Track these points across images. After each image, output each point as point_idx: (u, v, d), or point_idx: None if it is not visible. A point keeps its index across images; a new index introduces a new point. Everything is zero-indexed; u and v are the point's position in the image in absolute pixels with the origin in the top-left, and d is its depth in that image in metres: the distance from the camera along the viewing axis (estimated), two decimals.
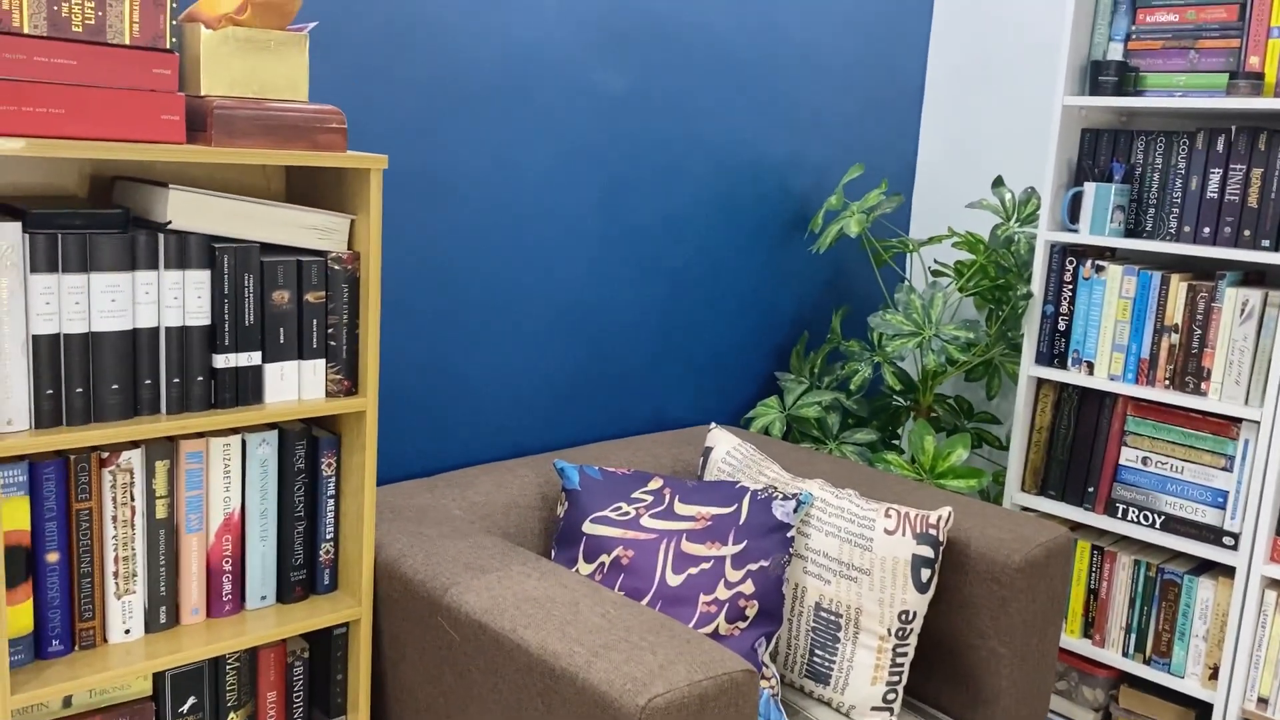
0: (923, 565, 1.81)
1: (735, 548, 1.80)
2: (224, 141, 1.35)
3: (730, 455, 2.07)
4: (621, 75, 2.15)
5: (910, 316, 2.35)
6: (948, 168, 2.80)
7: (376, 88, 1.81)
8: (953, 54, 2.76)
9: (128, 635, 1.45)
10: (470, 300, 2.02)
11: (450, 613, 1.49)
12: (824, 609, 1.85)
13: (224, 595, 1.53)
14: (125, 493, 1.41)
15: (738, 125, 2.39)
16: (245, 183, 1.61)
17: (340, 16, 1.75)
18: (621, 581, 1.79)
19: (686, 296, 2.38)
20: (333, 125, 1.44)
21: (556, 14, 2.02)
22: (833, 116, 2.60)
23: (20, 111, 1.21)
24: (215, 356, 1.43)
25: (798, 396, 2.46)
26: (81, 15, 1.24)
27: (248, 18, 1.38)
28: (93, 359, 1.32)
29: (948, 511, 1.84)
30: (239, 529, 1.53)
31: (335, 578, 1.64)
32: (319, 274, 1.50)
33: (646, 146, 2.23)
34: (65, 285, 1.29)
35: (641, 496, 1.88)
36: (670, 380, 2.40)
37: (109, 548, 1.41)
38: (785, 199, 2.54)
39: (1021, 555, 1.81)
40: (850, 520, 1.86)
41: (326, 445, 1.59)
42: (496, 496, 1.90)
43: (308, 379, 1.51)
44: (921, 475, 2.29)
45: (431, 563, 1.58)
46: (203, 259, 1.39)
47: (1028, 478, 2.40)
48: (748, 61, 2.37)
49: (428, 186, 1.91)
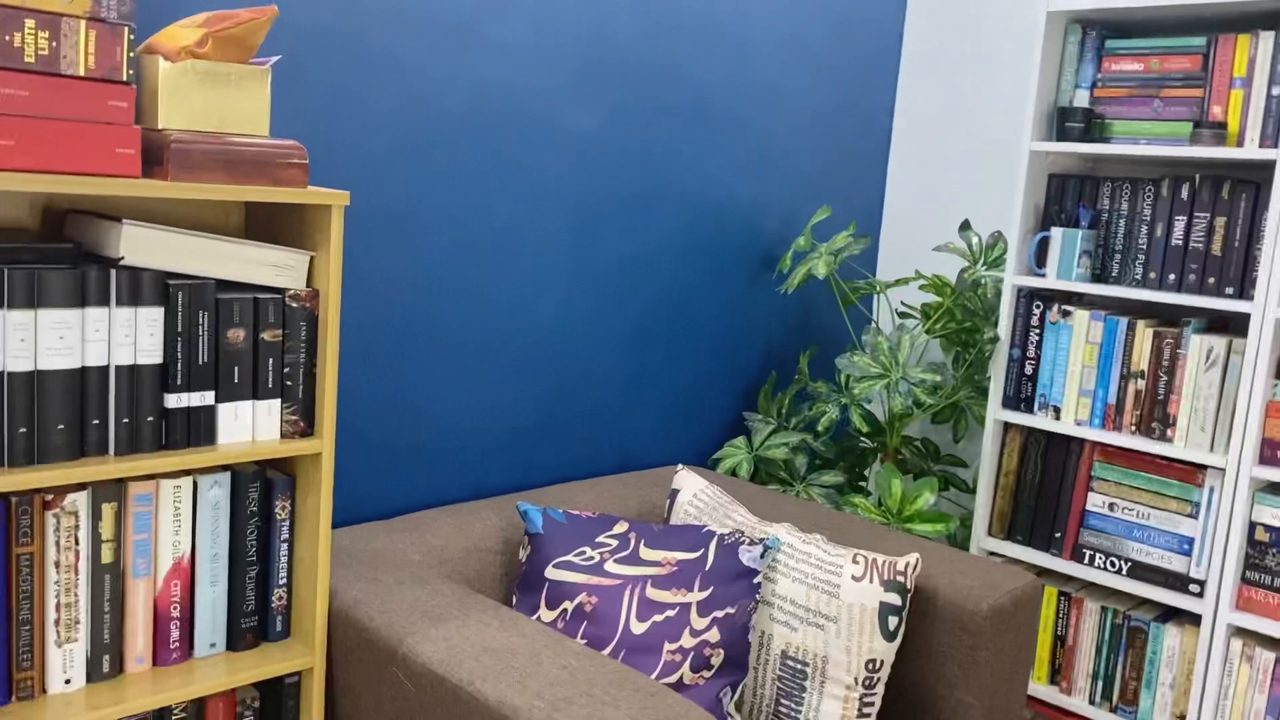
0: (890, 613, 1.78)
1: (701, 594, 1.77)
2: (181, 176, 1.32)
3: (697, 498, 2.04)
4: (591, 115, 2.14)
5: (878, 358, 2.34)
6: (914, 210, 2.81)
7: (342, 124, 1.79)
8: (921, 98, 2.77)
9: (68, 685, 1.39)
10: (434, 339, 1.98)
11: (406, 663, 1.44)
12: (790, 657, 1.82)
13: (171, 643, 1.48)
14: (69, 536, 1.36)
15: (707, 166, 2.38)
16: (204, 218, 1.57)
17: (306, 51, 1.72)
18: (584, 629, 1.75)
19: (654, 336, 2.36)
20: (294, 161, 1.41)
21: (526, 53, 2.01)
22: (802, 159, 2.60)
23: None
24: (167, 396, 1.38)
25: (765, 437, 2.44)
26: (35, 45, 1.20)
27: (209, 51, 1.35)
28: (38, 398, 1.27)
29: (915, 558, 1.82)
30: (188, 574, 1.48)
31: (288, 624, 1.59)
32: (276, 312, 1.46)
33: (615, 186, 2.22)
34: (10, 321, 1.24)
35: (606, 541, 1.85)
36: (637, 420, 2.37)
37: (50, 593, 1.35)
38: (753, 240, 2.53)
39: (989, 603, 1.79)
40: (817, 566, 1.83)
41: (281, 487, 1.54)
42: (456, 540, 1.85)
43: (262, 419, 1.47)
44: (889, 519, 2.27)
45: (387, 610, 1.53)
46: (156, 296, 1.35)
47: (995, 522, 2.38)
48: (718, 103, 2.37)
49: (392, 224, 1.88)
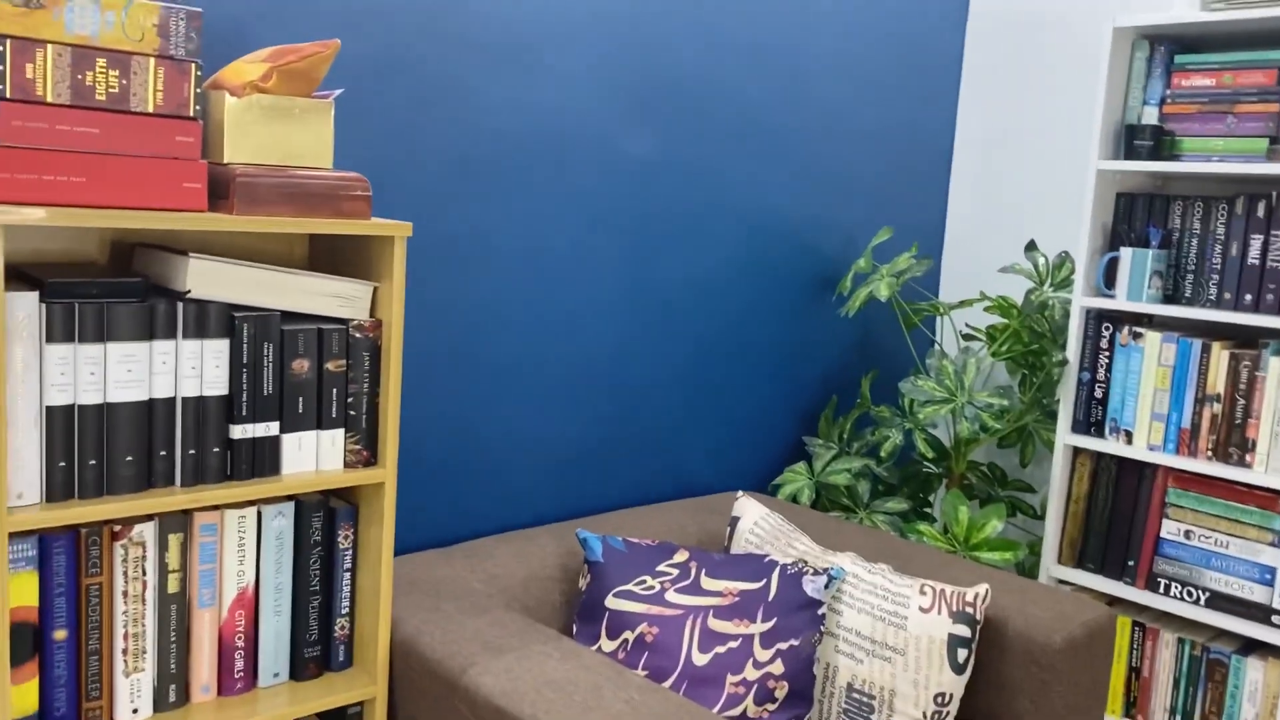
0: (959, 645, 1.74)
1: (764, 625, 1.74)
2: (246, 210, 1.33)
3: (758, 526, 2.02)
4: (648, 140, 2.14)
5: (943, 382, 2.29)
6: (977, 230, 2.76)
7: (402, 154, 1.80)
8: (983, 116, 2.73)
9: (135, 715, 1.40)
10: (492, 366, 1.99)
11: (468, 695, 1.43)
12: (856, 690, 1.78)
13: (236, 672, 1.49)
14: (137, 567, 1.37)
15: (765, 189, 2.36)
16: (268, 250, 1.59)
17: (367, 84, 1.74)
18: (645, 660, 1.73)
19: (712, 360, 2.34)
20: (357, 193, 1.42)
21: (583, 81, 2.01)
22: (861, 179, 2.57)
23: (41, 180, 1.19)
24: (232, 427, 1.39)
25: (826, 463, 2.40)
26: (105, 84, 1.22)
27: (273, 85, 1.37)
28: (107, 430, 1.29)
29: (985, 589, 1.77)
30: (253, 604, 1.49)
31: (350, 654, 1.59)
32: (340, 342, 1.47)
33: (673, 211, 2.21)
34: (81, 355, 1.26)
35: (667, 570, 1.83)
36: (696, 446, 2.35)
37: (119, 624, 1.37)
38: (813, 262, 2.51)
39: (1062, 635, 1.74)
40: (884, 597, 1.80)
41: (344, 517, 1.55)
42: (516, 568, 1.85)
43: (326, 449, 1.48)
44: (955, 547, 2.22)
45: (449, 640, 1.52)
46: (222, 328, 1.36)
47: (1065, 550, 2.32)
48: (775, 125, 2.35)
49: (450, 251, 1.89)
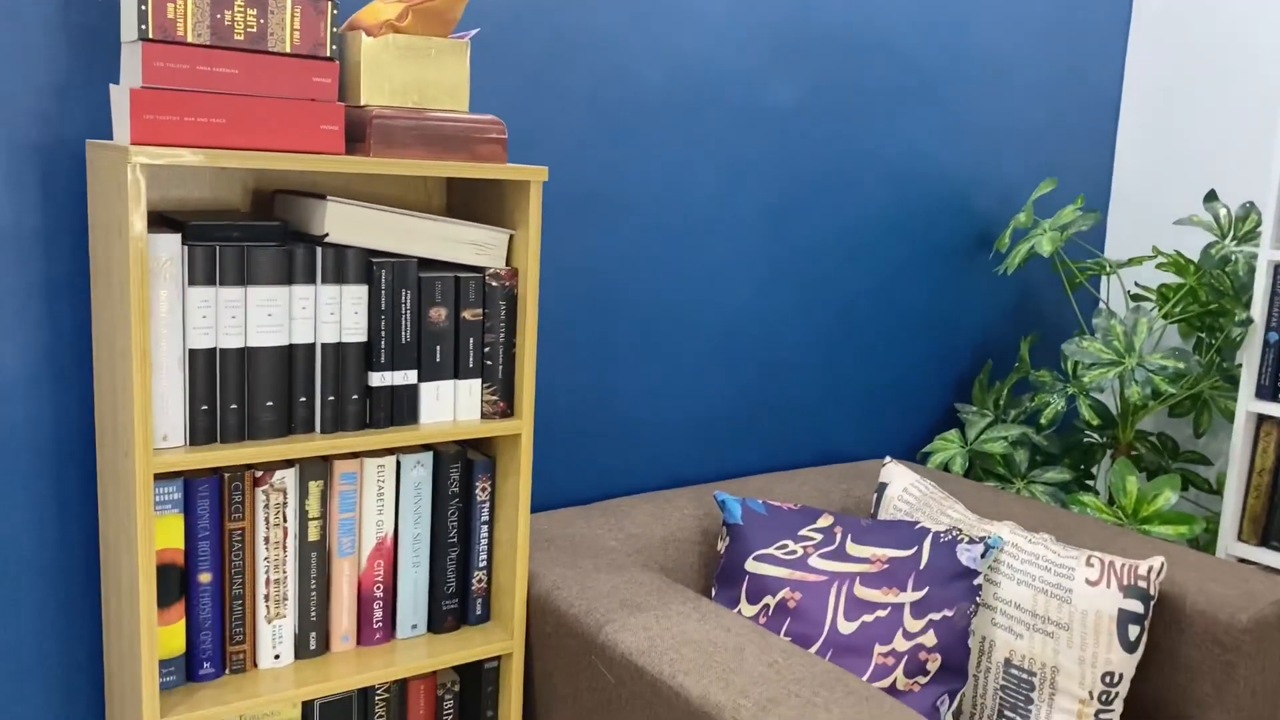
0: (1130, 621, 1.61)
1: (915, 594, 1.64)
2: (382, 152, 1.31)
3: (907, 492, 1.91)
4: (793, 87, 2.04)
5: (1110, 344, 2.13)
6: (1148, 182, 2.56)
7: (540, 99, 1.76)
8: (1154, 60, 2.53)
9: (277, 661, 1.40)
10: (630, 321, 1.93)
11: (605, 652, 1.39)
12: (1015, 666, 1.67)
13: (375, 623, 1.48)
14: (278, 513, 1.37)
15: (917, 139, 2.24)
16: (406, 196, 1.57)
17: (505, 25, 1.70)
18: (788, 626, 1.65)
19: (858, 321, 2.24)
20: (492, 135, 1.38)
21: (726, 24, 1.93)
22: (1021, 130, 2.41)
23: (183, 121, 1.19)
24: (371, 374, 1.38)
25: (981, 430, 2.27)
26: (244, 23, 1.21)
27: (409, 24, 1.34)
28: (248, 375, 1.29)
29: (1160, 561, 1.63)
30: (391, 554, 1.48)
31: (488, 608, 1.57)
32: (476, 291, 1.44)
33: (818, 162, 2.11)
34: (223, 299, 1.26)
35: (810, 534, 1.75)
36: (840, 410, 2.25)
37: (261, 570, 1.37)
38: (968, 217, 2.37)
39: (1249, 614, 1.59)
40: (1046, 568, 1.67)
41: (481, 469, 1.52)
42: (654, 529, 1.80)
43: (463, 399, 1.45)
44: (1122, 520, 2.07)
45: (586, 597, 1.48)
46: (360, 274, 1.34)
47: (1246, 526, 2.14)
48: (928, 72, 2.22)
49: (588, 202, 1.84)
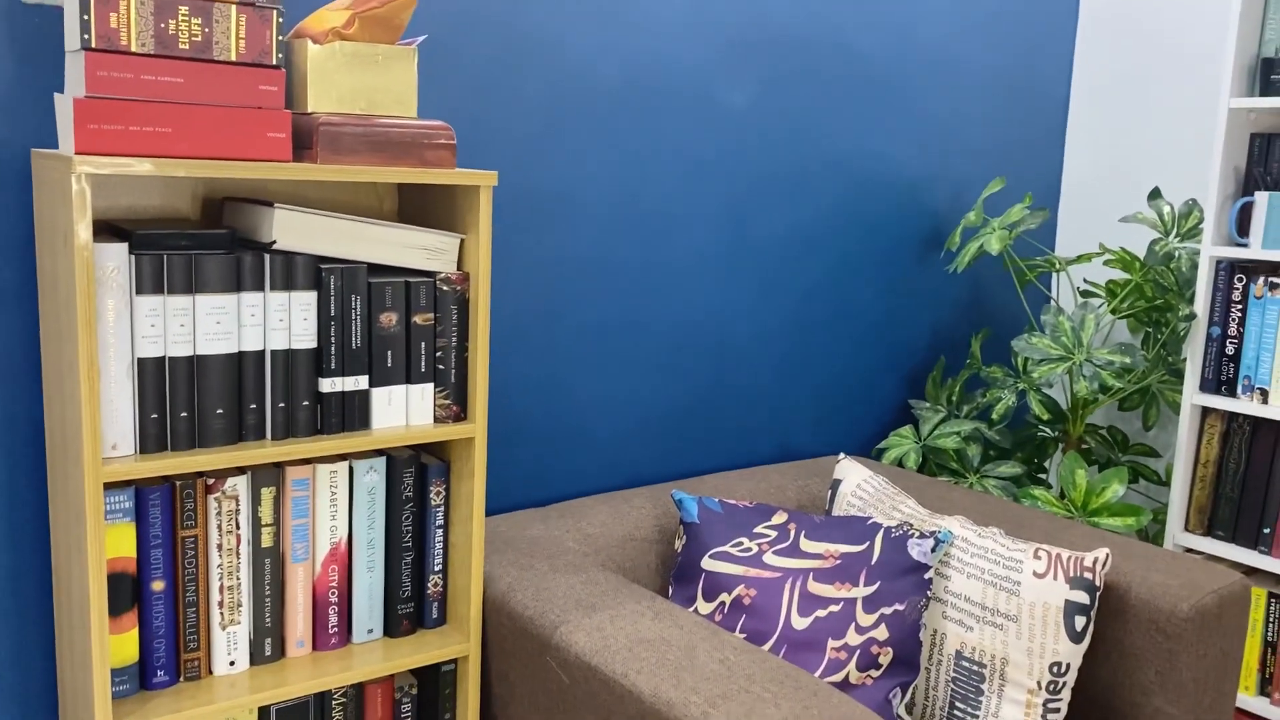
0: (1077, 612, 1.64)
1: (867, 589, 1.67)
2: (330, 159, 1.31)
3: (861, 488, 1.94)
4: (746, 90, 2.06)
5: (1059, 339, 2.17)
6: (1097, 181, 2.61)
7: (492, 104, 1.77)
8: (1101, 60, 2.57)
9: (232, 667, 1.41)
10: (586, 323, 1.95)
11: (559, 653, 1.40)
12: (966, 658, 1.70)
13: (330, 627, 1.49)
14: (230, 520, 1.37)
15: (869, 139, 2.27)
16: (358, 202, 1.58)
17: (456, 30, 1.71)
18: (743, 623, 1.68)
19: (813, 319, 2.26)
20: (441, 141, 1.39)
21: (679, 26, 1.95)
22: (971, 129, 2.45)
23: (128, 131, 1.19)
24: (321, 380, 1.38)
25: (934, 426, 2.30)
26: (188, 32, 1.21)
27: (355, 32, 1.34)
28: (198, 382, 1.29)
29: (1105, 553, 1.67)
30: (345, 559, 1.48)
31: (444, 611, 1.58)
32: (427, 295, 1.44)
33: (772, 164, 2.13)
34: (170, 307, 1.26)
35: (765, 531, 1.77)
36: (796, 408, 2.28)
37: (214, 576, 1.37)
38: (920, 216, 2.40)
39: (1190, 603, 1.63)
40: (995, 561, 1.71)
41: (435, 473, 1.53)
42: (612, 528, 1.81)
43: (415, 404, 1.46)
44: (1072, 512, 2.11)
45: (541, 599, 1.50)
46: (309, 280, 1.35)
47: (1192, 516, 2.18)
48: (880, 74, 2.25)
49: (543, 204, 1.86)
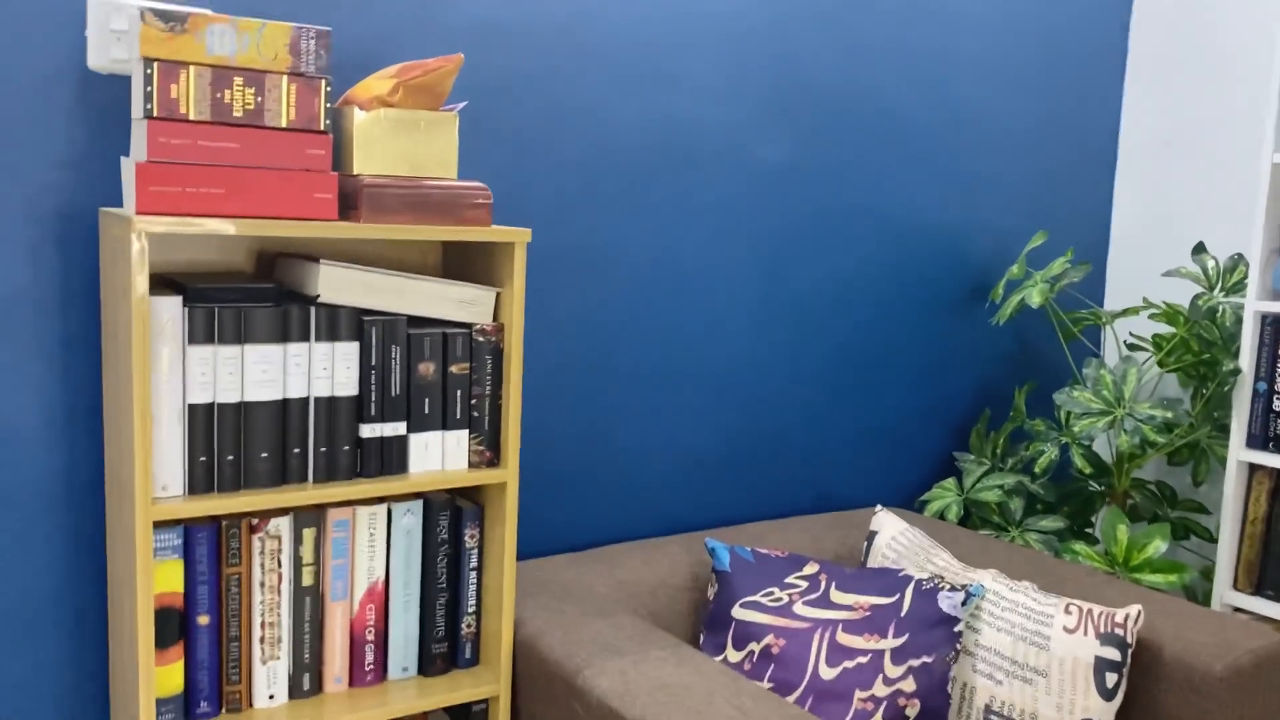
0: (1108, 669, 1.64)
1: (896, 641, 1.68)
2: (373, 218, 1.39)
3: (896, 540, 1.95)
4: (783, 147, 2.12)
5: (1100, 394, 2.17)
6: (1145, 235, 2.60)
7: (532, 165, 1.84)
8: (1150, 115, 2.58)
9: (272, 701, 1.47)
10: (622, 374, 2.00)
11: (583, 695, 1.44)
12: (995, 712, 1.69)
13: (366, 665, 1.54)
14: (273, 559, 1.44)
15: (909, 193, 2.30)
16: (404, 258, 1.66)
17: (496, 95, 1.79)
18: (771, 672, 1.70)
19: (853, 370, 2.29)
20: (478, 201, 1.46)
21: (716, 90, 2.01)
22: (1015, 182, 2.47)
23: (184, 192, 1.28)
24: (362, 426, 1.45)
25: (977, 479, 2.30)
26: (242, 101, 1.31)
27: (400, 99, 1.43)
28: (244, 427, 1.37)
29: (1137, 610, 1.66)
30: (383, 598, 1.54)
31: (477, 652, 1.63)
32: (464, 346, 1.51)
33: (809, 217, 2.17)
34: (221, 356, 1.34)
35: (796, 582, 1.79)
36: (836, 459, 2.30)
37: (256, 612, 1.44)
38: (963, 269, 2.42)
39: (1225, 663, 1.61)
40: (1026, 615, 1.71)
41: (470, 516, 1.59)
42: (644, 575, 1.85)
43: (451, 449, 1.52)
44: (1114, 568, 2.09)
45: (569, 642, 1.54)
46: (352, 331, 1.43)
47: (1241, 575, 2.15)
48: (918, 129, 2.29)
49: (580, 261, 1.92)
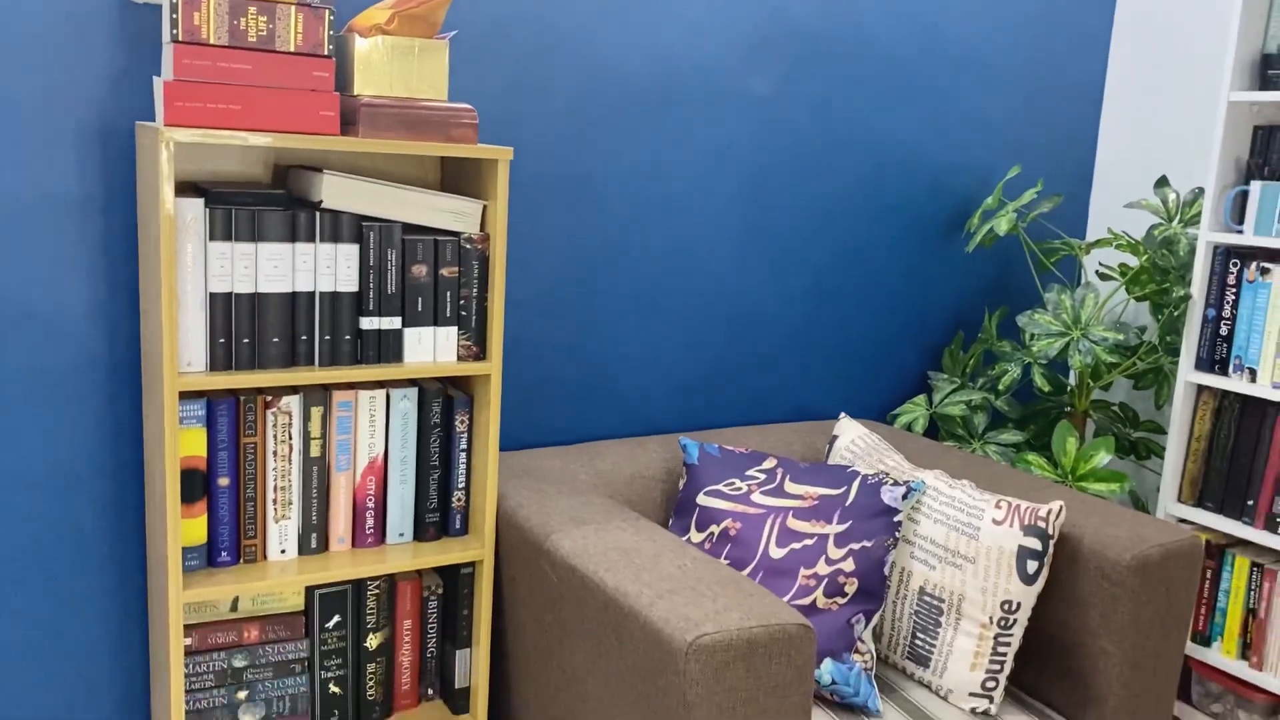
0: (1029, 557, 1.82)
1: (840, 527, 1.87)
2: (370, 133, 1.58)
3: (854, 443, 2.14)
4: (770, 80, 2.27)
5: (1060, 317, 2.32)
6: (1127, 171, 2.72)
7: (528, 94, 2.02)
8: (1137, 53, 2.68)
9: (283, 554, 1.70)
10: (613, 291, 2.19)
11: (549, 556, 1.65)
12: (928, 594, 1.89)
13: (367, 529, 1.77)
14: (285, 432, 1.66)
15: (892, 127, 2.44)
16: (405, 173, 1.85)
17: (496, 25, 1.96)
18: (728, 551, 1.90)
19: (832, 293, 2.46)
20: (465, 121, 1.65)
21: (706, 23, 2.17)
22: (1000, 118, 2.60)
23: (206, 108, 1.48)
24: (362, 319, 1.66)
25: (945, 395, 2.47)
26: (255, 28, 1.50)
27: (396, 27, 1.61)
28: (258, 315, 1.58)
29: (1059, 505, 1.83)
30: (382, 472, 1.76)
31: (466, 522, 1.84)
32: (453, 252, 1.71)
33: (794, 149, 2.33)
34: (237, 252, 1.55)
35: (755, 474, 1.99)
36: (811, 374, 2.48)
37: (270, 478, 1.67)
38: (944, 200, 2.56)
39: (1134, 554, 1.78)
40: (960, 509, 1.89)
41: (460, 404, 1.79)
42: (623, 467, 2.05)
43: (441, 343, 1.73)
44: (1063, 477, 2.26)
45: (543, 514, 1.75)
46: (352, 234, 1.63)
47: (1185, 488, 2.31)
48: (904, 64, 2.42)
49: (574, 185, 2.10)
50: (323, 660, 1.76)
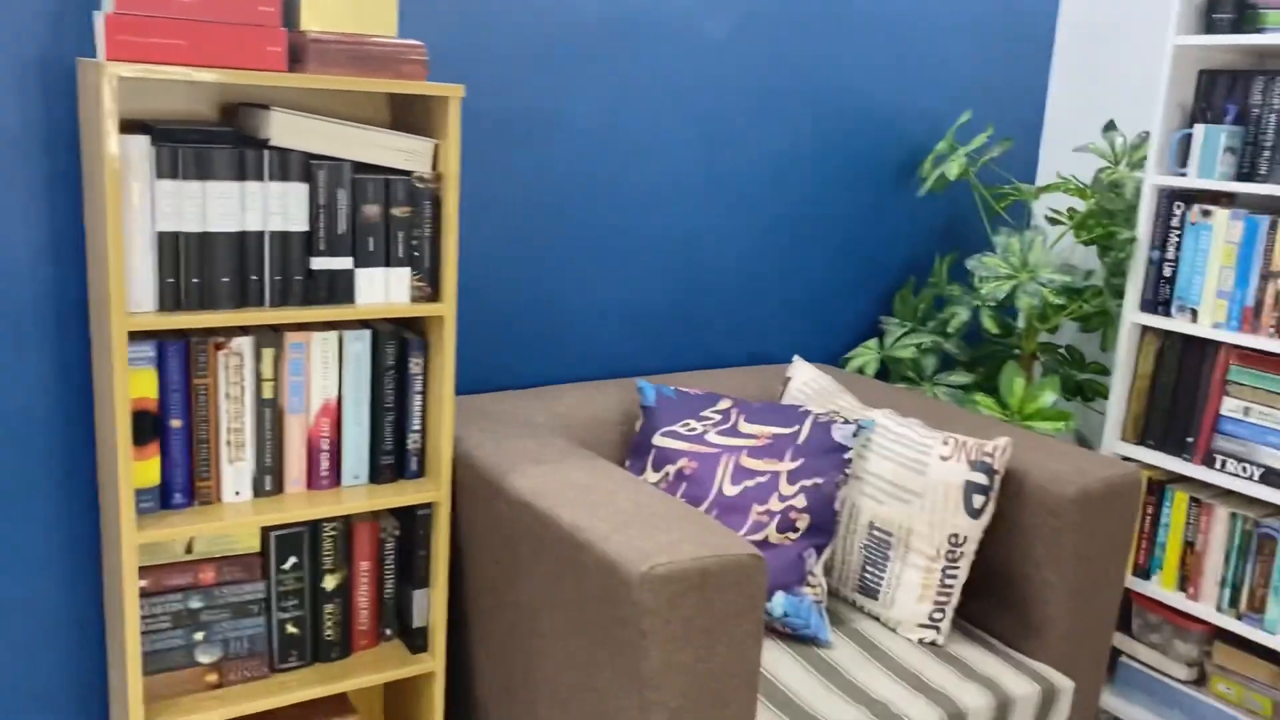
0: (975, 491, 1.86)
1: (792, 465, 1.90)
2: (318, 70, 1.56)
3: (807, 385, 2.16)
4: (727, 24, 2.26)
5: (1008, 259, 2.35)
6: (1077, 117, 2.75)
7: (484, 35, 2.00)
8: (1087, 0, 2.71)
9: (238, 496, 1.70)
10: (569, 234, 2.19)
11: (506, 494, 1.67)
12: (877, 528, 1.93)
13: (322, 471, 1.77)
14: (236, 373, 1.65)
15: (847, 72, 2.45)
16: (355, 111, 1.83)
17: None
18: (684, 490, 1.92)
19: (787, 239, 2.47)
20: (414, 57, 1.63)
21: None
22: (953, 65, 2.61)
23: (148, 42, 1.46)
24: (312, 259, 1.65)
25: (896, 338, 2.51)
26: None
27: None
28: (207, 254, 1.57)
29: (1005, 441, 1.87)
30: (336, 414, 1.76)
31: (422, 465, 1.85)
32: (405, 191, 1.70)
33: (749, 92, 2.33)
34: (185, 191, 1.53)
35: (710, 415, 2.01)
36: (766, 319, 2.50)
37: (223, 419, 1.66)
38: (897, 146, 2.58)
39: (1077, 487, 1.83)
40: (909, 446, 1.93)
41: (415, 346, 1.79)
42: (580, 410, 2.07)
43: (394, 284, 1.72)
44: (1010, 417, 2.31)
45: (500, 454, 1.76)
46: (301, 173, 1.61)
47: (1128, 427, 2.37)
48: (859, 9, 2.43)
49: (531, 126, 2.09)
50: (279, 601, 1.77)
